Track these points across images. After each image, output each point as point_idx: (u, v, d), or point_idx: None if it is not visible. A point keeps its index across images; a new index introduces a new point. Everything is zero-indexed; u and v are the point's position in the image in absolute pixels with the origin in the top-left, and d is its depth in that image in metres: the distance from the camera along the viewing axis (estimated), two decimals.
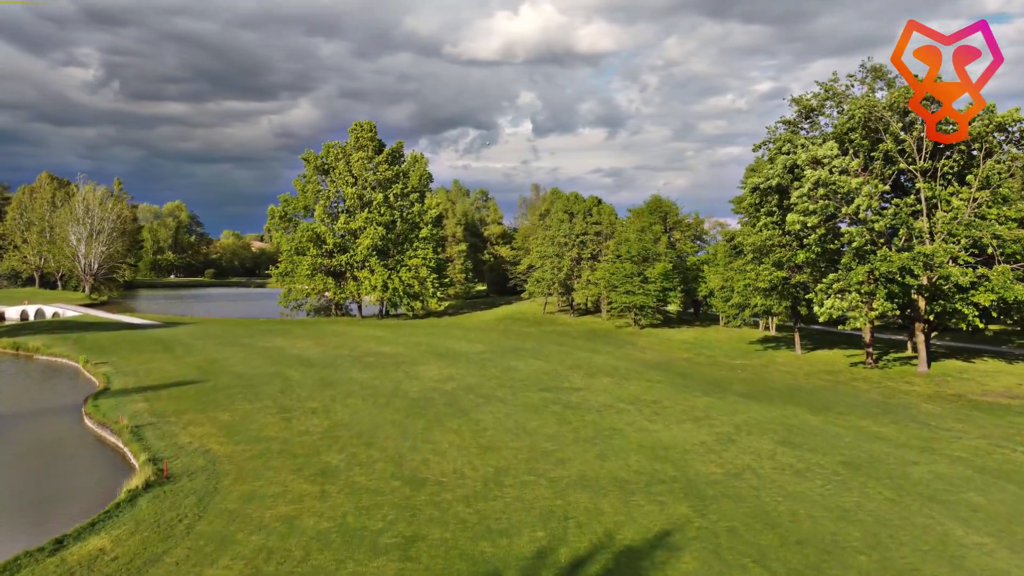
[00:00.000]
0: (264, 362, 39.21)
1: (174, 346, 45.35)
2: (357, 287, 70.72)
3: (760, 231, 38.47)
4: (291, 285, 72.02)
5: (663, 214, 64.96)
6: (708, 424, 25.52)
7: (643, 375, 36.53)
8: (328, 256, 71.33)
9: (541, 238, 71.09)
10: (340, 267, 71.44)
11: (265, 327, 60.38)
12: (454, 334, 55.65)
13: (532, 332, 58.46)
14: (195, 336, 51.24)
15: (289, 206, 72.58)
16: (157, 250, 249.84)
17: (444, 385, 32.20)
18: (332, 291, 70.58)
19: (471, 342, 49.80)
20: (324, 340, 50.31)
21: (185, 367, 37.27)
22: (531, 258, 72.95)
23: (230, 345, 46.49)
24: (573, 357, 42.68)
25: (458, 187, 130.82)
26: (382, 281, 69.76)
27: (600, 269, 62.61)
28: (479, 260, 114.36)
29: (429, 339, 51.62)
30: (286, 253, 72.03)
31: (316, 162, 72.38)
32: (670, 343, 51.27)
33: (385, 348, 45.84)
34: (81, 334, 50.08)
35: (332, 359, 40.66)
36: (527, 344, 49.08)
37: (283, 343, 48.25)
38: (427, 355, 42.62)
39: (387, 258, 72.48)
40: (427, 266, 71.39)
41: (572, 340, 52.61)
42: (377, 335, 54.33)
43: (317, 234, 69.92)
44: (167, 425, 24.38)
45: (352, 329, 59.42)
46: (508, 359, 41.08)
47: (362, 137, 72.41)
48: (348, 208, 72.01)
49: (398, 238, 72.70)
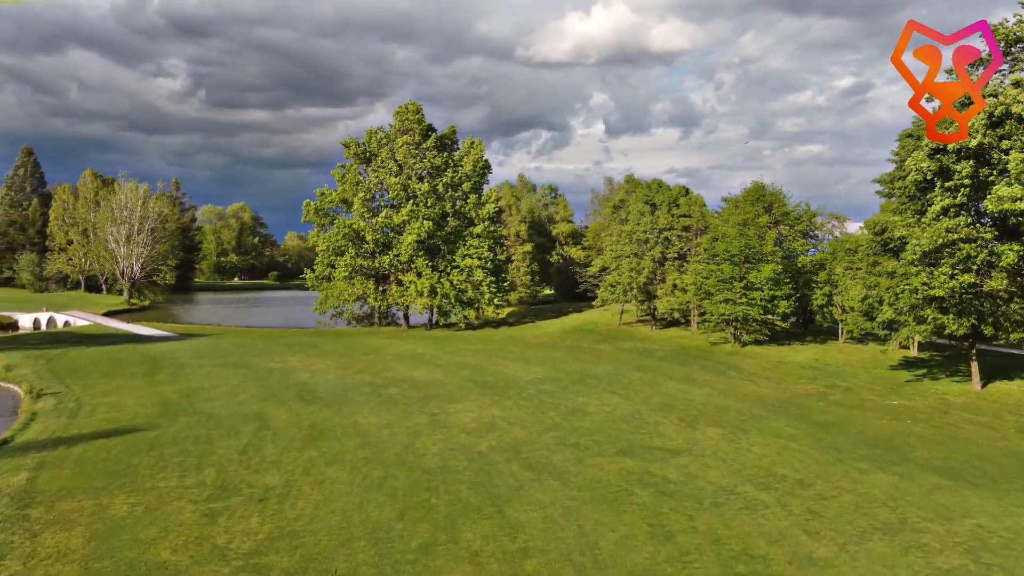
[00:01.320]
0: (255, 393, 30.45)
1: (162, 368, 37.26)
2: (401, 292, 61.95)
3: (938, 218, 27.06)
4: (328, 290, 63.88)
5: (767, 204, 53.58)
6: (918, 545, 14.91)
7: (766, 424, 25.92)
8: (368, 256, 62.86)
9: (616, 234, 60.58)
10: (382, 269, 62.83)
11: (290, 340, 52.18)
12: (510, 352, 45.99)
13: (606, 350, 48.22)
14: (198, 353, 43.26)
15: (326, 199, 64.44)
16: (221, 252, 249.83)
17: (478, 441, 22.51)
18: (372, 297, 62.03)
19: (528, 364, 40.01)
20: (349, 359, 41.50)
21: (150, 401, 28.86)
22: (604, 259, 62.59)
23: (231, 366, 38.16)
24: (662, 390, 32.33)
25: (524, 182, 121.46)
26: (430, 285, 60.77)
27: (690, 272, 51.88)
28: (546, 262, 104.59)
29: (477, 359, 42.12)
30: (322, 253, 63.93)
31: (357, 149, 64.02)
32: (785, 368, 40.19)
33: (419, 373, 36.52)
34: (66, 350, 42.76)
35: (344, 390, 31.57)
36: (600, 368, 38.94)
37: (297, 363, 39.65)
38: (469, 384, 33.08)
39: (436, 258, 63.47)
40: (483, 268, 62.02)
41: (657, 363, 42.16)
42: (416, 352, 45.23)
43: (356, 231, 61.49)
44: (19, 527, 15.48)
45: (389, 344, 50.54)
46: (574, 393, 31.09)
47: (407, 120, 63.66)
48: (391, 200, 63.38)
49: (449, 235, 63.58)
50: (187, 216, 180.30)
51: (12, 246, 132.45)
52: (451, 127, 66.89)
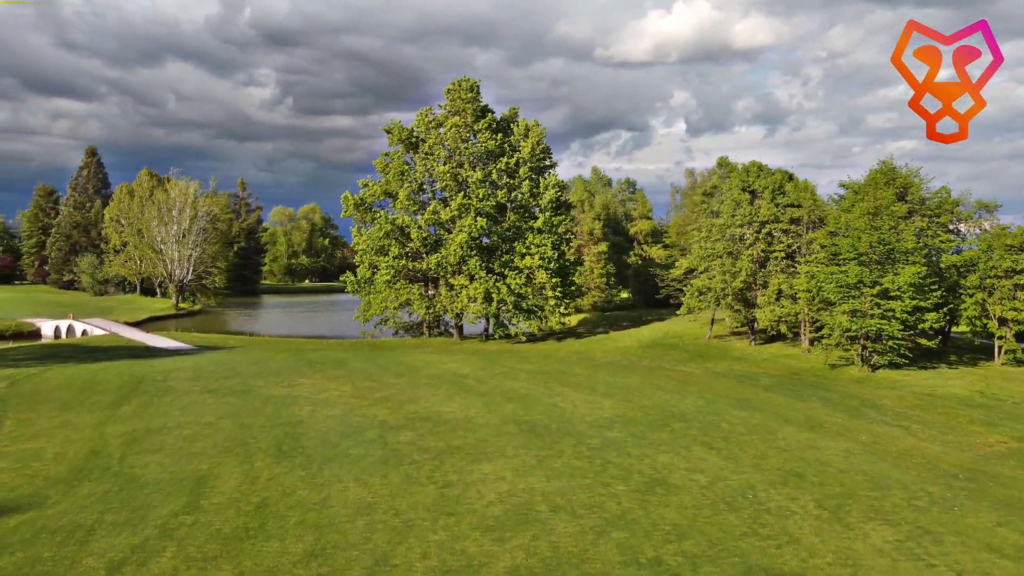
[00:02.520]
0: (223, 438, 23.19)
1: (137, 395, 30.63)
2: (451, 298, 54.34)
3: None
4: (370, 296, 56.93)
5: (900, 189, 43.27)
6: None
7: (960, 519, 16.70)
8: (414, 257, 55.55)
9: (705, 230, 51.18)
10: (429, 271, 55.42)
11: (317, 355, 45.21)
12: (573, 375, 37.56)
13: (694, 374, 39.17)
14: (197, 373, 36.64)
15: (368, 191, 57.51)
16: (291, 254, 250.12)
17: (498, 550, 14.31)
18: (417, 303, 54.67)
19: (594, 394, 31.51)
20: (372, 383, 33.97)
21: (78, 450, 21.98)
22: (690, 259, 53.27)
23: (223, 393, 31.18)
24: (779, 443, 23.30)
25: (598, 176, 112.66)
26: (484, 290, 52.92)
27: (802, 275, 42.22)
28: (623, 263, 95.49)
29: (530, 385, 33.89)
30: (362, 253, 57.04)
31: (401, 135, 56.81)
32: (942, 405, 30.30)
33: (450, 407, 28.58)
34: (45, 369, 36.90)
35: (342, 435, 23.95)
36: (688, 402, 30.06)
37: (307, 388, 32.37)
38: (510, 427, 24.93)
39: (491, 259, 55.60)
40: (545, 269, 53.78)
41: (764, 394, 32.94)
42: (458, 373, 37.38)
43: (399, 227, 54.27)
44: None
45: (430, 361, 42.91)
46: (653, 447, 22.48)
47: (459, 99, 56.04)
48: (441, 192, 55.89)
49: (506, 231, 55.59)
50: (253, 217, 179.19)
51: (75, 248, 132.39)
52: (512, 108, 59.02)
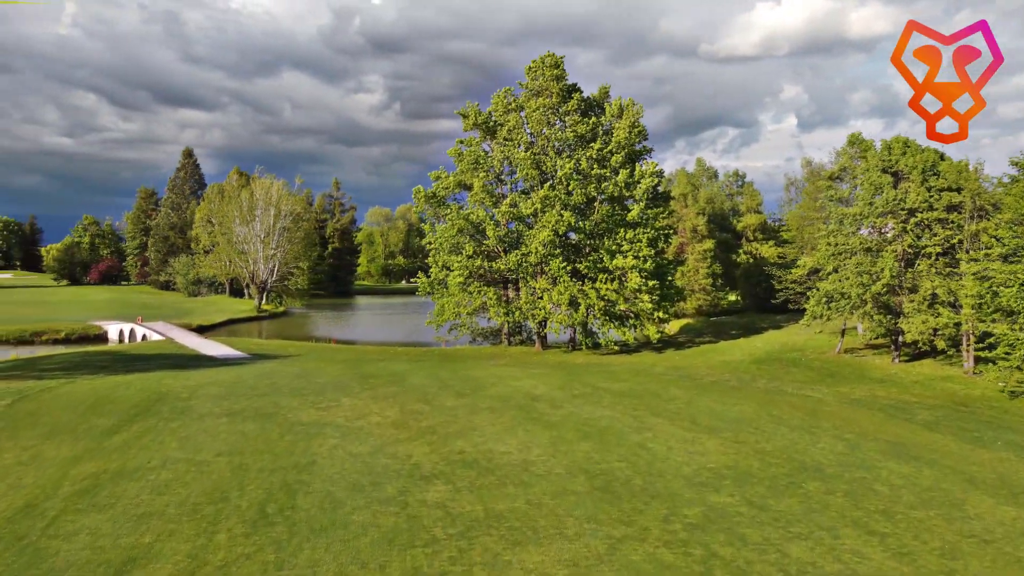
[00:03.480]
0: (208, 485, 18.30)
1: (143, 418, 26.37)
2: (531, 304, 48.37)
3: None
4: (445, 299, 51.76)
5: None
6: None
7: None
8: (490, 257, 49.94)
9: (836, 220, 42.81)
10: (507, 272, 49.67)
11: (374, 368, 40.28)
12: (670, 400, 30.79)
13: (827, 402, 31.53)
14: (227, 391, 32.32)
15: (441, 183, 52.38)
16: (388, 255, 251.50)
17: None
18: (494, 308, 48.98)
19: (695, 429, 24.76)
20: (423, 407, 28.54)
21: (15, 500, 17.45)
22: (816, 257, 45.04)
23: (243, 417, 26.47)
24: (970, 526, 15.99)
25: (703, 167, 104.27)
26: (569, 295, 46.68)
27: (968, 276, 33.80)
28: (730, 262, 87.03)
29: (615, 413, 27.48)
30: (434, 252, 51.94)
31: (477, 119, 51.32)
32: None
33: (506, 445, 22.64)
34: (67, 381, 33.46)
35: (354, 488, 18.49)
36: (824, 448, 22.85)
37: (343, 413, 27.25)
38: (579, 482, 18.80)
39: (579, 258, 49.27)
40: (641, 270, 47.01)
41: (928, 436, 25.20)
42: (530, 394, 31.42)
43: (473, 223, 48.78)
44: None
45: (501, 376, 37.12)
46: (782, 525, 15.75)
47: (543, 77, 50.02)
48: (521, 183, 50.02)
49: (596, 227, 49.14)
50: (346, 218, 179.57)
51: (172, 249, 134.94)
52: (603, 87, 52.49)
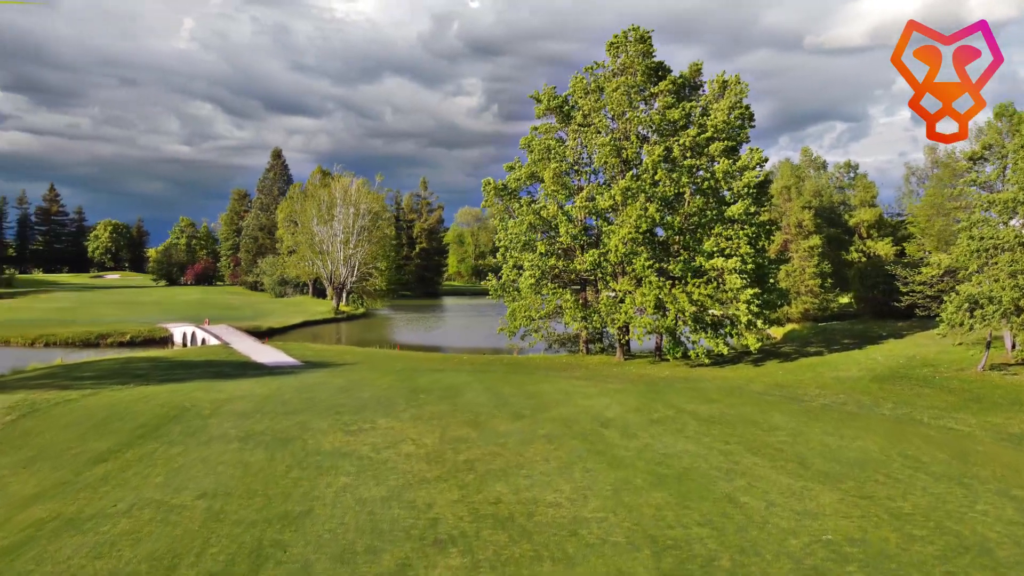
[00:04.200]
0: (137, 557, 14.47)
1: (150, 439, 23.38)
2: (611, 308, 43.29)
3: None
4: (516, 303, 47.36)
5: None
6: None
7: None
8: (564, 256, 45.16)
9: (982, 206, 35.49)
10: (583, 273, 44.75)
11: (428, 379, 36.30)
12: (771, 430, 25.29)
13: (977, 438, 25.18)
14: (256, 406, 29.09)
15: (513, 175, 47.97)
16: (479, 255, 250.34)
17: None
18: (569, 313, 44.12)
19: (805, 475, 19.37)
20: (470, 430, 24.40)
21: None
22: (954, 255, 37.86)
23: (256, 442, 23.01)
24: None
25: (809, 158, 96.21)
26: (655, 298, 41.38)
27: None
28: (840, 261, 79.04)
29: (699, 449, 22.39)
30: (505, 251, 47.63)
31: (551, 103, 46.62)
32: None
33: (555, 492, 18.11)
34: (91, 393, 30.94)
35: (340, 557, 14.41)
36: (986, 512, 17.05)
37: (373, 439, 23.40)
38: (642, 559, 14.01)
39: (667, 258, 43.86)
40: (741, 272, 41.22)
41: None
42: (600, 417, 26.71)
43: (545, 219, 44.14)
44: None
45: (568, 392, 32.43)
46: None
47: (626, 53, 44.86)
48: (599, 173, 45.03)
49: (686, 223, 43.61)
50: (434, 217, 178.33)
51: (261, 250, 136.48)
52: (693, 64, 46.79)
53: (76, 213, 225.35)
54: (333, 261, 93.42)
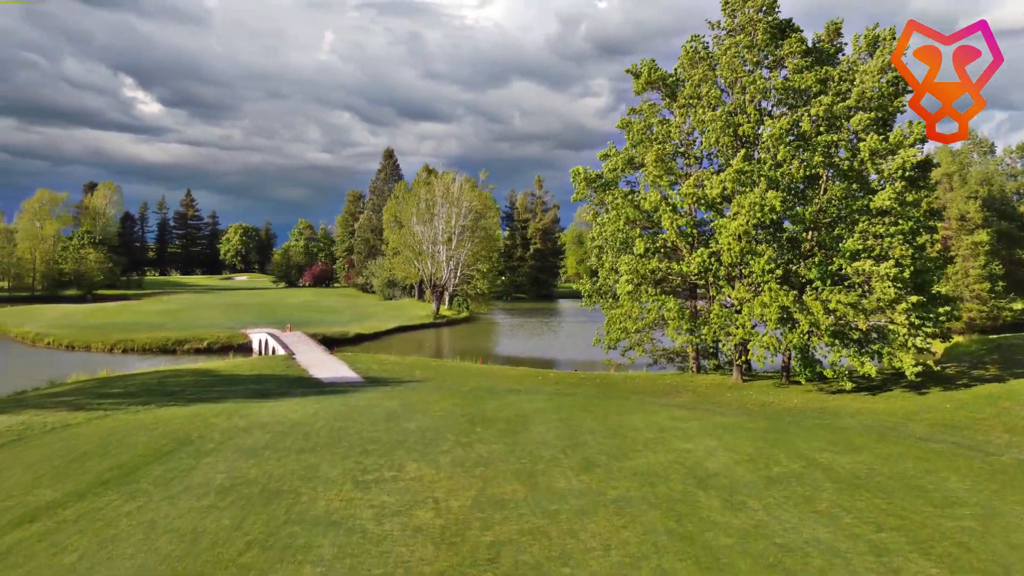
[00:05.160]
0: None
1: (114, 485, 19.25)
2: (725, 319, 35.90)
3: None
4: (614, 311, 40.77)
5: None
6: None
7: None
8: (669, 256, 38.17)
9: None
10: (690, 277, 37.58)
11: (494, 404, 30.55)
12: (946, 503, 17.85)
13: None
14: (280, 436, 24.66)
15: (609, 164, 41.40)
16: None
17: None
18: (673, 325, 36.98)
19: None
20: (517, 486, 18.80)
21: None
22: None
23: (247, 496, 18.17)
24: None
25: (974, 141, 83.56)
26: (778, 308, 33.74)
27: None
28: (1013, 260, 67.09)
29: (835, 533, 15.58)
30: (598, 251, 41.14)
31: (652, 75, 39.69)
32: None
33: None
34: (100, 415, 27.28)
35: None
36: None
37: (394, 491, 18.35)
38: None
39: (795, 258, 36.05)
40: (895, 278, 32.86)
41: None
42: (698, 469, 20.34)
43: (644, 211, 37.34)
44: None
45: (663, 428, 25.86)
46: None
47: (744, 11, 37.34)
48: (710, 157, 37.75)
49: (820, 215, 35.63)
50: (548, 217, 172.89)
51: (372, 252, 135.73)
52: (832, 22, 38.55)
53: (210, 217, 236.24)
54: (433, 262, 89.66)
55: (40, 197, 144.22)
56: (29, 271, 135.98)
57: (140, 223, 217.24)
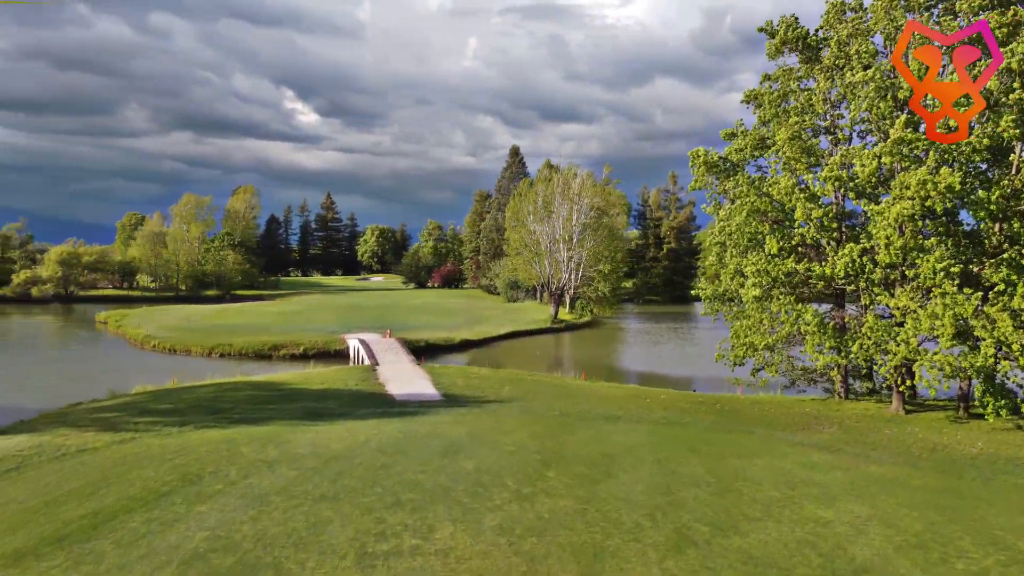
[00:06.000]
0: None
1: (68, 542, 15.66)
2: (882, 332, 28.58)
3: None
4: (740, 322, 34.22)
5: None
6: None
7: None
8: (807, 255, 31.19)
9: None
10: (840, 282, 30.38)
11: (581, 439, 25.21)
12: None
13: None
14: (310, 474, 20.91)
15: (736, 143, 34.77)
16: None
17: None
18: (812, 340, 29.91)
19: None
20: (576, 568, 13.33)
21: None
22: None
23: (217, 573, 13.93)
24: None
25: None
26: (952, 318, 26.26)
27: None
28: None
29: None
30: (714, 248, 34.68)
31: (789, 34, 32.73)
32: None
33: None
34: (132, 436, 24.27)
35: None
36: None
37: (417, 567, 13.39)
38: None
39: (977, 256, 28.24)
40: None
41: None
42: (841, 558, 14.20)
43: (775, 200, 30.62)
44: None
45: (790, 482, 19.77)
46: None
47: None
48: (858, 131, 30.46)
49: (1013, 201, 27.67)
50: (683, 214, 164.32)
51: (497, 252, 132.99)
52: None
53: (349, 219, 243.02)
54: (551, 262, 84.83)
55: (186, 201, 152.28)
56: (175, 272, 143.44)
57: (284, 226, 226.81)
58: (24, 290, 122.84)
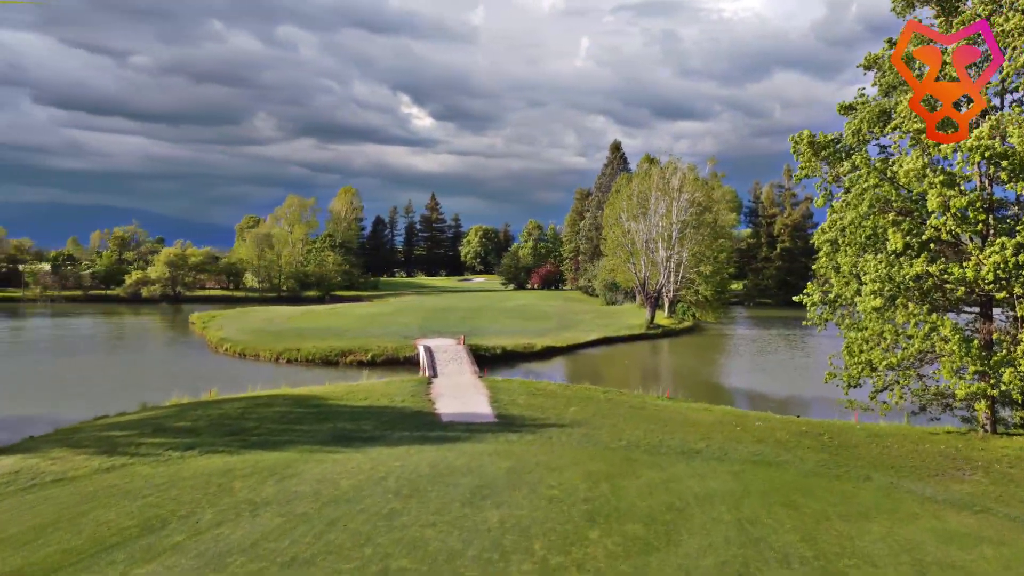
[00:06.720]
0: None
1: None
2: None
3: None
4: (855, 334, 28.34)
5: None
6: None
7: None
8: (944, 254, 25.05)
9: None
10: (987, 287, 24.15)
11: (643, 482, 20.46)
12: None
13: None
14: (302, 518, 17.28)
15: (854, 120, 28.78)
16: None
17: None
18: (950, 363, 23.80)
19: None
20: None
21: None
22: None
23: None
24: None
25: None
26: None
27: None
28: None
29: None
30: (824, 246, 28.81)
31: None
32: None
33: None
34: (125, 463, 21.37)
35: None
36: None
37: None
38: None
39: None
40: None
41: None
42: None
43: (901, 185, 24.64)
44: None
45: (921, 559, 14.38)
46: None
47: None
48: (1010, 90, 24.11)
49: None
50: (798, 212, 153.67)
51: (596, 252, 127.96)
52: None
53: (453, 220, 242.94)
54: (648, 263, 79.10)
55: (290, 203, 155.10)
56: (277, 273, 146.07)
57: (390, 227, 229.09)
58: (135, 291, 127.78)
